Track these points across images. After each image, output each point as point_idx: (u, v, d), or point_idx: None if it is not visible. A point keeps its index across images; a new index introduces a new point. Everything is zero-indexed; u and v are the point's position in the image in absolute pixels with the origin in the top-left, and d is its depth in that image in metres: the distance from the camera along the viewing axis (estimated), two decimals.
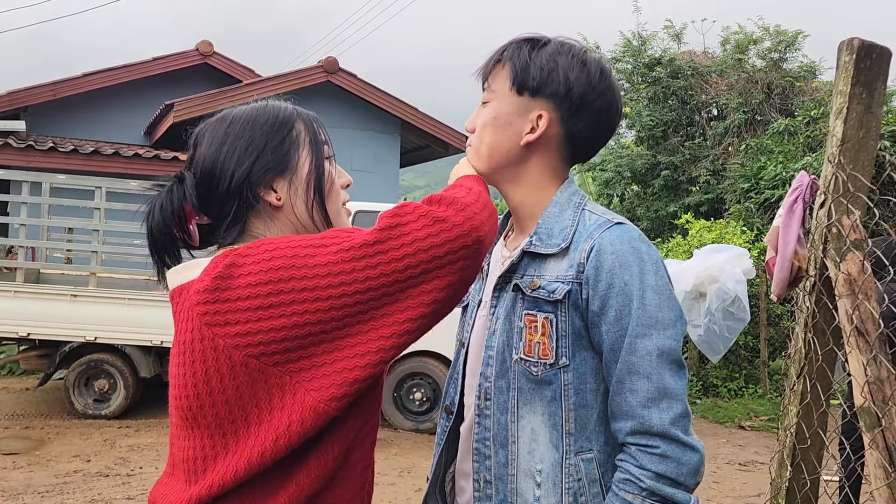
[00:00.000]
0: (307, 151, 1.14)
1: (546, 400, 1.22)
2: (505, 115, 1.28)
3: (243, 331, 0.94)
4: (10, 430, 6.35)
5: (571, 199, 1.30)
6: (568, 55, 1.27)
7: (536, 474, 1.22)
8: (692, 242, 9.58)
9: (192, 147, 1.16)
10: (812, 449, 1.93)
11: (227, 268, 0.98)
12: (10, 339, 7.20)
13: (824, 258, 1.84)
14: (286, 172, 1.12)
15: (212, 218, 1.13)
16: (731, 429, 7.84)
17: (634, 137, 15.27)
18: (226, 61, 12.30)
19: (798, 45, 14.23)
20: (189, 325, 0.99)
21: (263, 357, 0.94)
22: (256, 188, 1.10)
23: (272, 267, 0.96)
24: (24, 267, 7.17)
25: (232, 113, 1.15)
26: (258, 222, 1.12)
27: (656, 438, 1.13)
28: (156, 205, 1.10)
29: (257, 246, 1.01)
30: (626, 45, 15.13)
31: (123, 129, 11.55)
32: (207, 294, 0.97)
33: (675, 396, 1.15)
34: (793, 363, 1.96)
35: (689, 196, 13.73)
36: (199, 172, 1.12)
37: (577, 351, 1.21)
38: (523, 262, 1.28)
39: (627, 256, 1.18)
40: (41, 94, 10.68)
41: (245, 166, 1.09)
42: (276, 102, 1.18)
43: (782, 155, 10.74)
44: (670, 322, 1.17)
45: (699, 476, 1.15)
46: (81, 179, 7.43)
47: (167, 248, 1.11)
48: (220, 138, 1.12)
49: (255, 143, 1.11)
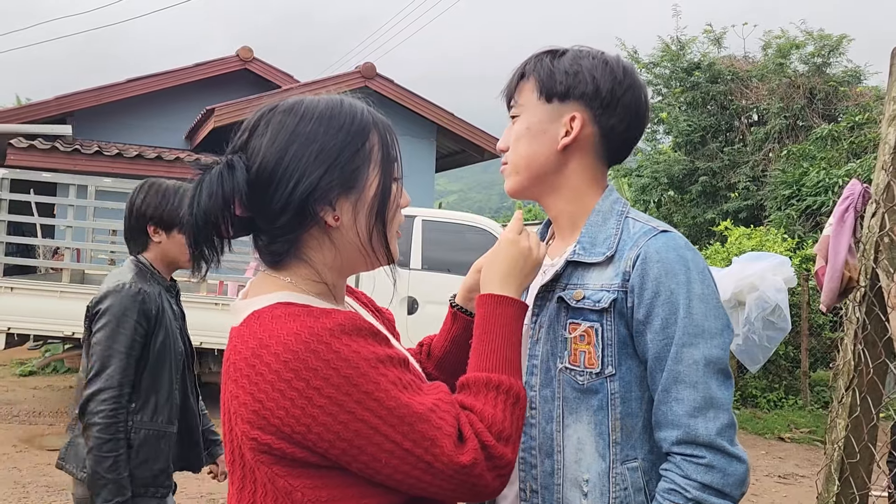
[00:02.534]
0: (377, 170, 1.04)
1: (592, 409, 1.21)
2: (537, 124, 1.29)
3: (257, 437, 0.93)
4: (54, 426, 6.51)
5: (614, 206, 1.29)
6: (588, 57, 1.28)
7: (583, 484, 1.22)
8: (731, 250, 9.42)
9: (247, 131, 1.03)
10: (861, 463, 1.88)
11: (262, 344, 0.93)
12: (55, 338, 7.38)
13: (876, 268, 1.79)
14: (352, 192, 1.02)
15: (259, 220, 1.02)
16: (771, 440, 7.69)
17: (672, 143, 15.08)
18: (265, 67, 12.50)
19: (842, 50, 13.94)
20: (225, 386, 0.99)
21: (264, 457, 0.95)
22: (317, 205, 0.99)
23: (299, 361, 0.91)
24: (70, 268, 7.35)
25: (303, 106, 1.03)
26: (311, 241, 1.03)
27: (702, 448, 1.12)
28: (202, 190, 0.97)
29: (295, 326, 0.93)
30: (665, 49, 14.97)
31: (165, 133, 11.81)
32: (239, 375, 0.94)
33: (721, 406, 1.14)
34: (841, 375, 1.91)
35: (728, 202, 13.51)
36: (255, 168, 0.99)
37: (622, 360, 1.20)
38: (567, 271, 1.28)
39: (674, 265, 1.17)
40: (87, 99, 10.99)
41: (311, 178, 0.98)
42: (352, 102, 1.06)
43: (825, 161, 10.53)
44: (717, 331, 1.16)
45: (745, 487, 1.14)
46: (125, 183, 7.60)
47: (210, 241, 1.00)
48: (288, 136, 1.00)
49: (327, 151, 1.00)
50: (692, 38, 14.98)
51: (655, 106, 15.17)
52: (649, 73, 15.20)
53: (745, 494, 1.07)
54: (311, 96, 1.06)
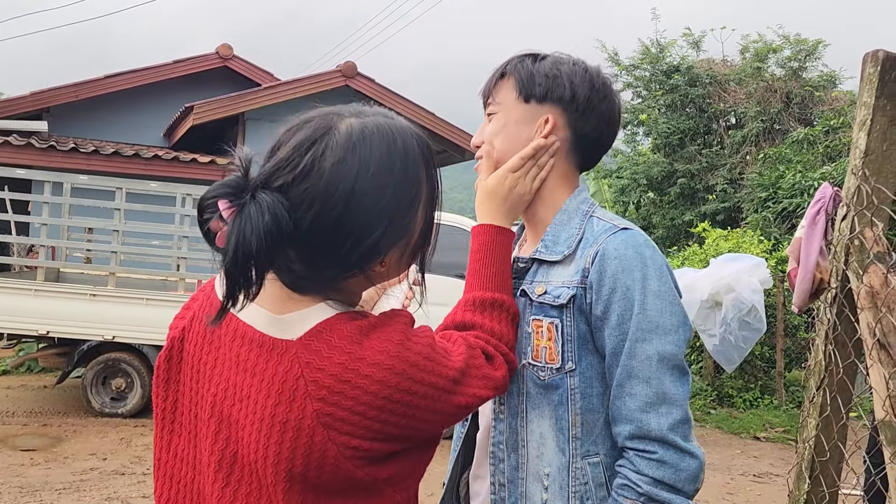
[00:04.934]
0: (422, 213, 1.01)
1: (553, 404, 1.24)
2: (514, 122, 1.32)
3: (358, 445, 0.92)
4: (28, 427, 6.43)
5: (580, 206, 1.33)
6: (569, 63, 1.32)
7: (544, 478, 1.24)
8: (708, 251, 9.52)
9: (289, 167, 0.93)
10: (831, 462, 1.91)
11: (353, 361, 0.92)
12: (29, 337, 7.28)
13: (846, 270, 1.83)
14: (402, 241, 0.99)
15: (295, 264, 0.95)
16: (747, 440, 7.78)
17: (651, 145, 15.21)
18: (245, 65, 12.41)
19: (818, 54, 14.15)
20: (291, 406, 0.91)
21: (357, 461, 0.94)
22: (371, 263, 0.97)
23: (395, 375, 0.94)
24: (45, 266, 7.26)
25: (359, 149, 0.93)
26: (356, 281, 1.01)
27: (654, 443, 1.14)
28: (253, 229, 0.87)
29: (379, 343, 0.95)
30: (645, 52, 15.09)
31: (144, 130, 11.69)
32: (328, 393, 0.91)
33: (674, 402, 1.16)
34: (812, 375, 1.95)
35: (706, 204, 13.66)
36: (308, 222, 0.92)
37: (583, 355, 1.23)
38: (532, 268, 1.31)
39: (631, 261, 1.20)
40: (63, 95, 10.84)
41: (372, 239, 0.94)
42: (404, 134, 0.99)
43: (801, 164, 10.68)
44: (672, 328, 1.18)
45: (698, 482, 1.16)
46: (102, 180, 7.52)
47: (247, 275, 0.90)
48: (348, 192, 0.92)
49: (388, 207, 0.95)
50: (671, 42, 15.13)
51: (635, 108, 15.29)
52: (630, 76, 15.32)
53: (721, 493, 1.09)
54: (358, 124, 0.97)
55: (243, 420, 0.94)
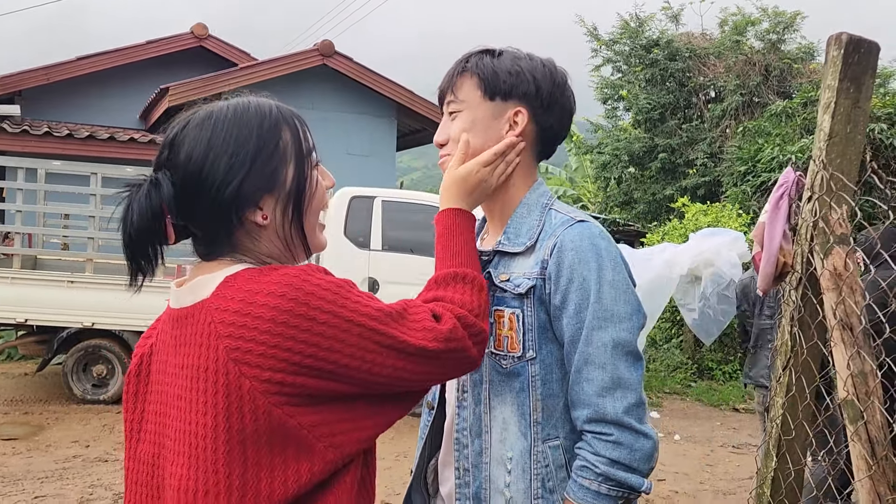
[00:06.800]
0: (293, 165, 1.10)
1: (515, 391, 1.30)
2: (481, 119, 1.35)
3: (270, 378, 0.94)
4: (9, 415, 6.40)
5: (539, 199, 1.37)
6: (526, 59, 1.36)
7: (507, 462, 1.30)
8: (688, 226, 9.60)
9: (167, 148, 1.09)
10: (797, 440, 1.96)
11: (250, 295, 0.97)
12: (8, 325, 7.22)
13: (810, 253, 1.85)
14: (274, 190, 1.08)
15: (193, 227, 1.08)
16: (726, 411, 7.92)
17: (632, 120, 15.22)
18: (221, 45, 12.24)
19: (796, 27, 14.16)
20: (207, 353, 0.97)
21: (280, 398, 0.95)
22: (244, 209, 1.06)
23: (288, 301, 0.96)
24: (21, 253, 7.17)
25: (213, 116, 1.08)
26: (246, 239, 1.08)
27: (610, 426, 1.21)
28: (133, 209, 1.04)
29: (276, 276, 0.99)
30: (624, 26, 15.03)
31: (119, 113, 11.51)
32: (233, 328, 0.95)
33: (629, 386, 1.22)
34: (779, 356, 1.98)
35: (687, 179, 13.72)
36: (180, 181, 1.05)
37: (543, 344, 1.29)
38: (494, 260, 1.35)
39: (587, 253, 1.25)
40: (35, 77, 10.64)
41: (233, 186, 1.04)
42: (259, 102, 1.11)
43: (779, 137, 10.72)
44: (626, 315, 1.24)
45: (653, 462, 1.23)
46: (77, 165, 7.42)
47: (145, 253, 1.06)
48: (204, 148, 1.05)
49: (242, 157, 1.05)
50: (651, 16, 15.07)
51: (616, 83, 15.25)
52: (609, 51, 15.26)
53: (701, 465, 1.13)
54: (220, 103, 1.11)
55: (179, 390, 1.00)
